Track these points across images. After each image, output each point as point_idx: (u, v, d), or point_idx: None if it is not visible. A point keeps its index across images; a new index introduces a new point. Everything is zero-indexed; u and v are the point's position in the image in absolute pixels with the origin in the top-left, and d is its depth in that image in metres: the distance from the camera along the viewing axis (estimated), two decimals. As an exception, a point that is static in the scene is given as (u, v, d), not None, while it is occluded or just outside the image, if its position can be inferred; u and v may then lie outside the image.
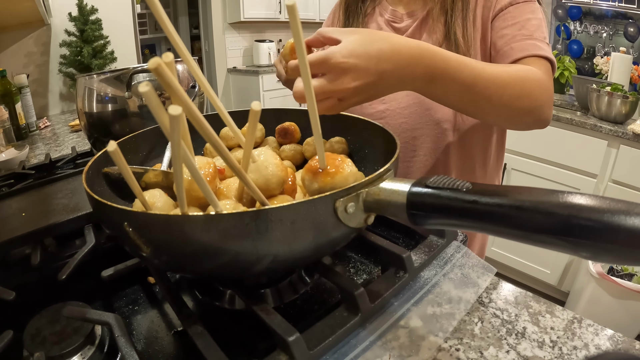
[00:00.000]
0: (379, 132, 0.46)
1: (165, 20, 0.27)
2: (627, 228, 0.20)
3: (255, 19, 3.28)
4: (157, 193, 0.35)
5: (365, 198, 0.31)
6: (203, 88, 0.35)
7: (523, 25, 0.55)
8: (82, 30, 1.72)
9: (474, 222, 0.26)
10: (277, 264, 0.32)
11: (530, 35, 0.54)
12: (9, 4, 1.26)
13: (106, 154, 0.37)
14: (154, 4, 0.26)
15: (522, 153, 1.83)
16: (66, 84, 1.76)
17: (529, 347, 0.34)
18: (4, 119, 1.13)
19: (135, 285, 0.45)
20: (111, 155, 0.26)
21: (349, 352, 0.33)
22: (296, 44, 0.28)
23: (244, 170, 0.29)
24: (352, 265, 0.48)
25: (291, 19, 0.27)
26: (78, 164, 0.81)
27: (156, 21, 3.54)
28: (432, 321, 0.37)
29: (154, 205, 0.34)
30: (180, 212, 0.30)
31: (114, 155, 0.27)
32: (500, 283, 0.43)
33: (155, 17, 0.27)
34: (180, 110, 0.21)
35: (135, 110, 0.73)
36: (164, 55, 0.27)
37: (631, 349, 0.34)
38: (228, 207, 0.33)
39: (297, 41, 0.28)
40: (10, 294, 0.36)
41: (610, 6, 2.00)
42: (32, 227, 0.45)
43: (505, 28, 0.56)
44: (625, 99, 1.55)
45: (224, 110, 0.37)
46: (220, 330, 0.37)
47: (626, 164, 1.54)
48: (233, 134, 0.38)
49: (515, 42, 0.55)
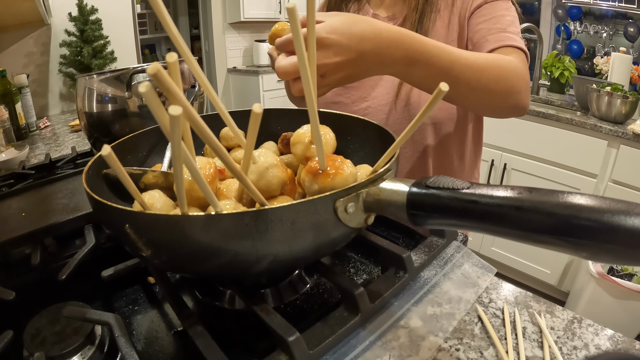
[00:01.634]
0: (378, 132, 0.46)
1: (167, 19, 0.27)
2: (627, 228, 0.20)
3: (255, 19, 3.28)
4: (157, 194, 0.35)
5: (365, 198, 0.31)
6: (204, 88, 0.35)
7: (498, 20, 0.59)
8: (82, 30, 1.72)
9: (474, 222, 0.26)
10: (277, 264, 0.32)
11: (504, 29, 0.58)
12: (9, 4, 1.26)
13: (106, 154, 0.37)
14: (157, 3, 0.26)
15: (522, 153, 1.83)
16: (66, 84, 1.77)
17: (529, 347, 0.34)
18: (4, 119, 1.13)
19: (135, 285, 0.45)
20: (106, 159, 0.26)
21: (349, 352, 0.33)
22: (296, 46, 0.28)
23: (243, 173, 0.29)
24: (352, 265, 0.48)
25: (291, 21, 0.27)
26: (78, 164, 0.81)
27: (156, 21, 3.55)
28: (432, 321, 0.37)
29: (153, 206, 0.34)
30: (180, 212, 0.30)
31: (109, 158, 0.27)
32: (500, 283, 0.43)
33: (157, 15, 0.27)
34: (180, 110, 0.21)
35: (135, 110, 0.73)
36: (167, 55, 0.27)
37: (631, 349, 0.34)
38: (228, 207, 0.33)
39: (297, 43, 0.28)
40: (10, 294, 0.36)
41: (610, 6, 2.00)
42: (32, 227, 0.45)
43: (481, 23, 0.60)
44: (625, 99, 1.55)
45: (225, 111, 0.37)
46: (220, 330, 0.37)
47: (626, 164, 1.54)
48: (234, 134, 0.38)
49: (490, 34, 0.58)
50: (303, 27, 0.41)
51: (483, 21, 0.60)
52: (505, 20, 0.58)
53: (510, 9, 0.60)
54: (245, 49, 3.58)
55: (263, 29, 3.61)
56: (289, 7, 0.27)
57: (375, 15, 0.69)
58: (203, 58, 3.56)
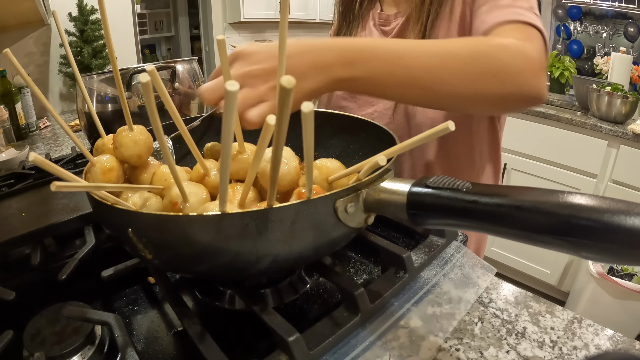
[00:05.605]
0: (378, 132, 0.46)
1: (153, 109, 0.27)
2: (627, 228, 0.20)
3: (255, 19, 3.28)
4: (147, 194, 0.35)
5: (365, 198, 0.31)
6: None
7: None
8: (82, 31, 1.72)
9: (474, 222, 0.26)
10: (277, 264, 0.32)
11: (509, 5, 0.46)
12: (9, 4, 1.26)
13: (106, 154, 0.37)
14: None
15: (522, 153, 1.83)
16: (66, 84, 1.76)
17: (529, 347, 0.34)
18: (4, 119, 1.13)
19: (135, 285, 0.45)
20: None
21: (349, 352, 0.33)
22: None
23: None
24: (352, 265, 0.48)
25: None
26: (78, 164, 0.81)
27: (156, 21, 3.53)
28: (432, 321, 0.37)
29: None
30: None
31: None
32: (500, 283, 0.43)
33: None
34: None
35: (135, 110, 0.73)
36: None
37: (631, 349, 0.34)
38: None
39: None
40: (10, 294, 0.36)
41: (610, 6, 2.00)
42: (32, 227, 0.45)
43: (482, 5, 0.50)
44: (625, 99, 1.55)
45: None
46: (220, 330, 0.37)
47: (626, 164, 1.54)
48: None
49: (491, 12, 0.48)
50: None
51: (485, 3, 0.50)
52: None
53: None
54: (245, 49, 3.57)
55: (263, 29, 3.60)
56: (219, 39, 0.30)
57: (382, 13, 0.67)
58: (203, 58, 3.56)
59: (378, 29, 0.68)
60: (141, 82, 0.22)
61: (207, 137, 0.57)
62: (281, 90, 0.21)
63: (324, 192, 0.33)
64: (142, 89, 0.23)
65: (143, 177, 0.39)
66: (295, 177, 0.36)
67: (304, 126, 0.23)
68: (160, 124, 0.27)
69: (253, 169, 0.29)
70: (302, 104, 0.22)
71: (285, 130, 0.24)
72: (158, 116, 0.26)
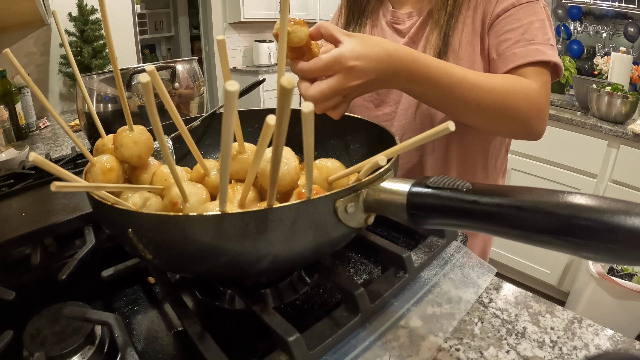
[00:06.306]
0: (379, 132, 0.46)
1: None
2: (627, 228, 0.20)
3: (255, 19, 3.28)
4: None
5: (365, 198, 0.31)
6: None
7: (526, 29, 0.54)
8: (82, 31, 1.72)
9: (474, 222, 0.26)
10: (277, 264, 0.32)
11: (532, 40, 0.54)
12: (9, 4, 1.26)
13: (106, 154, 0.37)
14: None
15: (522, 153, 1.83)
16: (66, 84, 1.77)
17: (529, 347, 0.34)
18: (4, 119, 1.13)
19: (135, 285, 0.45)
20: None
21: (349, 352, 0.33)
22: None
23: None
24: (352, 265, 0.48)
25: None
26: (78, 164, 0.81)
27: (156, 21, 3.54)
28: (432, 321, 0.37)
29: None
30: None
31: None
32: (500, 283, 0.43)
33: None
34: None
35: (135, 110, 0.73)
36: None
37: (631, 349, 0.34)
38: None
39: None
40: (10, 294, 0.36)
41: (610, 6, 2.00)
42: (32, 227, 0.45)
43: (508, 32, 0.56)
44: (625, 99, 1.55)
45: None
46: (220, 330, 0.37)
47: (626, 164, 1.54)
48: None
49: (518, 47, 0.54)
50: (311, 37, 0.43)
51: (510, 29, 0.55)
52: (534, 29, 0.54)
53: (539, 12, 0.55)
54: (245, 49, 3.58)
55: (263, 29, 3.61)
56: (219, 39, 0.30)
57: (395, 12, 0.67)
58: (203, 58, 3.56)
59: (391, 27, 0.67)
60: (141, 82, 0.22)
61: (207, 137, 0.57)
62: (281, 91, 0.21)
63: (324, 192, 0.33)
64: (142, 89, 0.23)
65: (143, 177, 0.39)
66: (295, 177, 0.36)
67: (304, 126, 0.23)
68: (160, 124, 0.27)
69: (253, 169, 0.29)
70: (302, 104, 0.22)
71: (285, 130, 0.24)
72: (158, 116, 0.26)
